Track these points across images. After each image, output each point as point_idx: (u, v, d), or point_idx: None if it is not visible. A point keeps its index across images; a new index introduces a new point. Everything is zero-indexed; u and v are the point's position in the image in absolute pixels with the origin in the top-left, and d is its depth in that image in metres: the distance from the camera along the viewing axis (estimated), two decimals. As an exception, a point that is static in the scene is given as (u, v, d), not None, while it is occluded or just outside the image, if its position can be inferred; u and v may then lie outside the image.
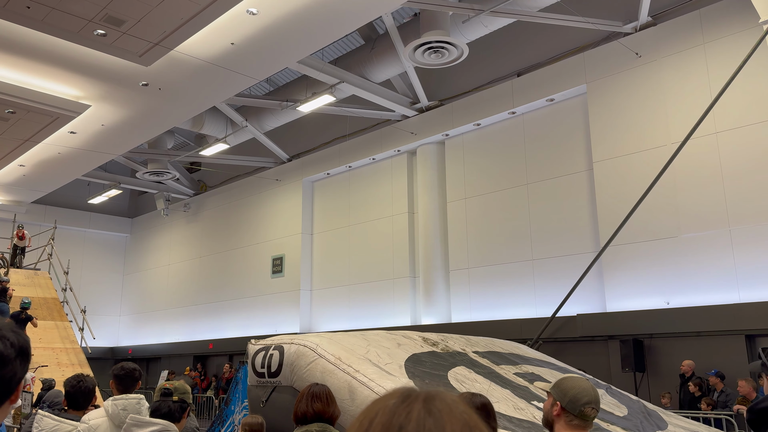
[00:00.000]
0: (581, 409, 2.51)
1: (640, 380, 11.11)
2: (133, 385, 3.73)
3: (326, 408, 3.35)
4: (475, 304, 14.17)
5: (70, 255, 21.97)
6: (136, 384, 3.74)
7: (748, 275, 10.34)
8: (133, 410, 3.46)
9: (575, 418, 2.52)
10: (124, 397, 3.53)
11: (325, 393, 3.42)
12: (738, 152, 10.74)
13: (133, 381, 3.73)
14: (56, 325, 15.83)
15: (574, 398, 2.53)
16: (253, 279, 19.58)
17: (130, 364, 3.84)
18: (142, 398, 3.58)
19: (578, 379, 2.61)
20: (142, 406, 3.50)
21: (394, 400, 0.85)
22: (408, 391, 0.87)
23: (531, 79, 13.69)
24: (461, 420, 0.82)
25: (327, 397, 3.40)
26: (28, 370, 1.26)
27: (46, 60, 11.41)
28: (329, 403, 3.39)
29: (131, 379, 3.73)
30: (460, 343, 6.41)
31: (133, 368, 3.81)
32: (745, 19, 10.79)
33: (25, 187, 19.10)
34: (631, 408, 6.16)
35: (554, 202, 13.24)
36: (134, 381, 3.73)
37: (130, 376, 3.74)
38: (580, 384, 2.57)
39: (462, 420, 0.82)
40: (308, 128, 18.84)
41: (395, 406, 0.84)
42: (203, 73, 11.99)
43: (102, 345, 23.18)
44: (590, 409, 2.52)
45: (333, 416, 3.37)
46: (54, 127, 14.17)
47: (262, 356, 4.84)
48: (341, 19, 10.45)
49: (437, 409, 0.82)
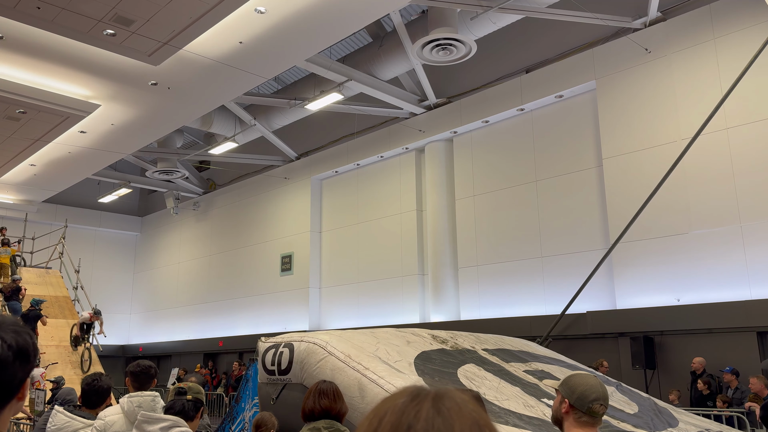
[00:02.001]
0: (589, 406, 2.51)
1: (651, 377, 11.06)
2: (149, 382, 3.75)
3: (333, 404, 3.36)
4: (484, 301, 14.15)
5: (81, 254, 22.12)
6: (151, 381, 3.77)
7: (759, 272, 10.26)
8: (148, 407, 3.48)
9: (584, 415, 2.52)
10: (140, 394, 3.56)
11: (333, 390, 3.43)
12: (749, 148, 10.65)
13: (149, 378, 3.76)
14: (68, 323, 15.95)
15: (582, 395, 2.53)
16: (262, 277, 19.64)
17: (145, 362, 3.87)
18: (156, 395, 3.60)
19: (586, 376, 2.61)
20: (157, 404, 3.52)
21: (403, 399, 0.85)
22: (417, 389, 0.87)
23: (540, 76, 13.64)
24: (470, 419, 0.82)
25: (334, 393, 3.41)
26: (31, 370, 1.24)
27: (56, 60, 11.48)
28: (336, 400, 3.40)
29: (147, 376, 3.76)
30: (470, 340, 6.40)
31: (148, 366, 3.83)
32: (756, 14, 10.70)
33: (36, 186, 19.24)
34: (641, 405, 6.14)
35: (563, 198, 13.19)
36: (149, 378, 3.76)
37: (145, 373, 3.77)
38: (588, 381, 2.56)
39: (471, 419, 0.82)
40: (316, 126, 18.86)
41: (404, 404, 0.84)
42: (212, 72, 12.03)
43: (113, 343, 23.34)
44: (599, 406, 2.51)
45: (341, 413, 3.39)
46: (64, 127, 14.26)
47: (272, 354, 4.86)
48: (349, 17, 10.45)
49: (446, 407, 0.83)
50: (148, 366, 3.83)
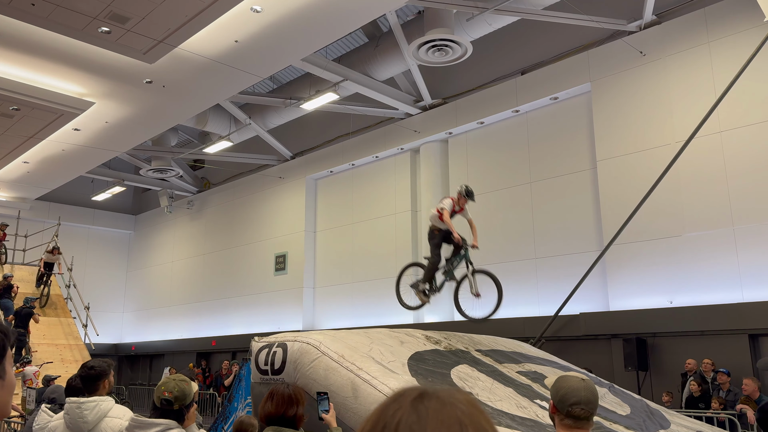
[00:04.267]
0: (568, 409, 2.52)
1: (643, 379, 11.09)
2: (94, 384, 3.49)
3: (278, 409, 3.17)
4: (478, 301, 14.13)
5: (74, 252, 22.01)
6: (97, 383, 3.49)
7: (751, 274, 10.31)
8: (74, 415, 3.35)
9: (565, 418, 2.54)
10: (76, 400, 3.38)
11: (281, 393, 3.21)
12: (742, 151, 10.70)
13: (92, 380, 3.49)
14: (60, 321, 15.89)
15: (563, 398, 2.55)
16: (256, 276, 19.60)
17: (90, 362, 3.60)
18: (84, 402, 3.37)
19: (571, 378, 2.62)
20: (84, 410, 3.33)
21: (389, 398, 0.85)
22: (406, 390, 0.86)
23: (535, 78, 13.67)
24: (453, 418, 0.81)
25: (281, 398, 3.20)
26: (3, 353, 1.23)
27: (50, 57, 11.43)
28: (281, 405, 3.18)
29: (90, 379, 3.51)
30: (463, 341, 6.41)
31: (90, 367, 3.56)
32: (750, 18, 10.75)
33: (29, 183, 19.15)
34: (633, 407, 6.16)
35: (558, 200, 13.22)
36: (93, 380, 3.49)
37: (87, 377, 3.52)
38: (571, 384, 2.57)
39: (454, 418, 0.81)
40: (312, 126, 18.84)
41: (386, 404, 0.84)
42: (207, 71, 12.00)
43: (106, 341, 23.24)
44: (579, 410, 2.51)
45: (287, 415, 3.17)
46: (58, 124, 14.20)
47: (265, 353, 4.85)
48: (345, 17, 10.45)
49: (425, 407, 0.81)
50: (90, 367, 3.53)
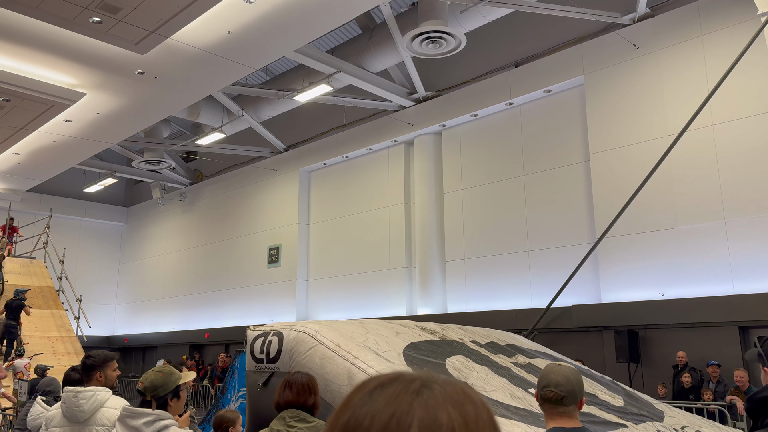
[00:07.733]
0: (541, 392, 2.60)
1: (635, 371, 11.18)
2: (89, 375, 3.65)
3: (297, 398, 3.21)
4: (471, 294, 14.21)
5: (66, 244, 21.90)
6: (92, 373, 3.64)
7: (742, 267, 10.39)
8: (71, 404, 3.48)
9: (543, 403, 2.58)
10: (73, 389, 3.52)
11: (300, 382, 3.26)
12: (734, 144, 10.77)
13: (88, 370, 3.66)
14: (52, 313, 15.82)
15: (539, 382, 2.64)
16: (249, 269, 19.58)
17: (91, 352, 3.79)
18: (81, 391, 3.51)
19: (552, 365, 2.68)
20: (80, 399, 3.48)
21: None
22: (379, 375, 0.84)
23: (528, 70, 13.68)
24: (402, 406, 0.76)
25: (300, 386, 3.24)
26: None
27: (41, 47, 11.33)
28: (301, 393, 3.23)
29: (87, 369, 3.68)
30: (458, 332, 6.44)
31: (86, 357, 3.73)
32: (743, 11, 10.79)
33: (20, 175, 19.02)
34: (625, 398, 6.21)
35: (551, 193, 13.26)
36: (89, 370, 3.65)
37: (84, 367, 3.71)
38: (549, 368, 2.65)
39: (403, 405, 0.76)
40: (305, 118, 18.79)
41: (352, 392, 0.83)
42: (199, 62, 11.93)
43: (98, 334, 23.17)
44: (549, 392, 2.56)
45: (306, 405, 3.22)
46: (49, 115, 14.09)
47: (260, 342, 4.86)
48: (339, 8, 10.41)
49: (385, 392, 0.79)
50: (87, 356, 3.71)
